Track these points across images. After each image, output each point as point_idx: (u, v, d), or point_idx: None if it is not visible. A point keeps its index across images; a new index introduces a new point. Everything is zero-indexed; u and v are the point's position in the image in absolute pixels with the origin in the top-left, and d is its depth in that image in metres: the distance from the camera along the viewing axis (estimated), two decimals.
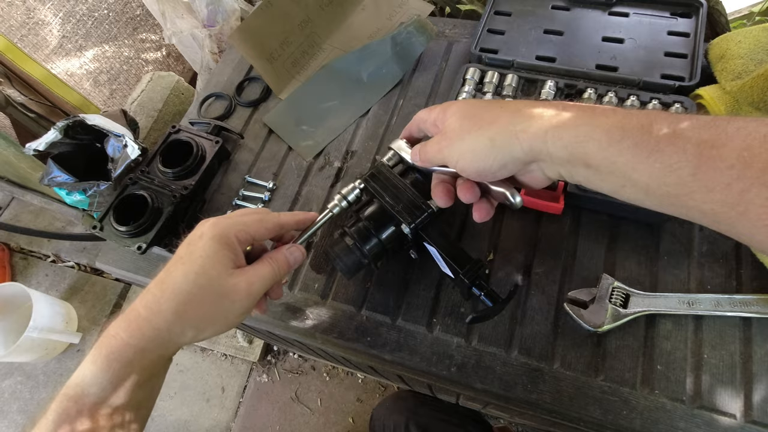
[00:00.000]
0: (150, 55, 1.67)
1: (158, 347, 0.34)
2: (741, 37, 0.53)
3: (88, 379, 0.32)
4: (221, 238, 0.35)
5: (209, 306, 0.35)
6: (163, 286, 0.34)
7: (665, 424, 0.41)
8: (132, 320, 0.34)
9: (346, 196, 0.44)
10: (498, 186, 0.38)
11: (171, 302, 0.33)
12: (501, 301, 0.40)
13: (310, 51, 0.69)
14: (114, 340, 0.33)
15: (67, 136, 0.81)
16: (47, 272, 1.48)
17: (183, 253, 0.35)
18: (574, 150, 0.30)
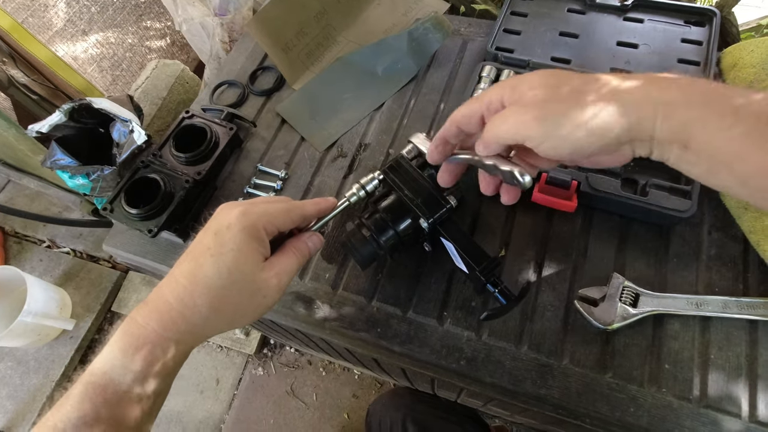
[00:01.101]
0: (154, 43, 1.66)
1: (191, 340, 0.34)
2: (753, 47, 0.54)
3: (119, 369, 0.32)
4: (251, 230, 0.34)
5: (243, 301, 0.35)
6: (195, 279, 0.33)
7: (671, 422, 0.42)
8: (164, 312, 0.33)
9: (364, 186, 0.45)
10: (506, 165, 0.35)
11: (205, 297, 0.33)
12: (514, 298, 0.40)
13: (325, 43, 0.69)
14: (146, 330, 0.33)
15: (72, 119, 0.80)
16: (42, 257, 1.46)
17: (211, 243, 0.34)
18: (680, 131, 0.27)
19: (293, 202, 0.40)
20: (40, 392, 1.29)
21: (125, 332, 0.33)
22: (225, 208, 0.37)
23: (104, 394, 0.32)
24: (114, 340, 0.33)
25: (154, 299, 0.34)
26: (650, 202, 0.48)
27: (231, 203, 0.37)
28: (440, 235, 0.44)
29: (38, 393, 1.29)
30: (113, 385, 0.32)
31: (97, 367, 0.32)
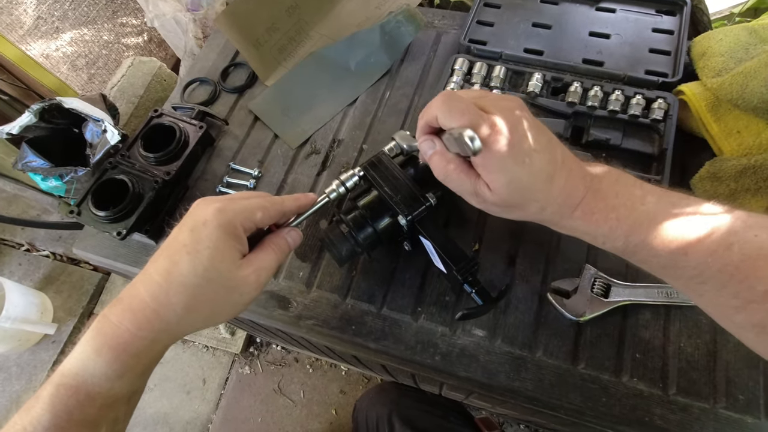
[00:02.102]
0: (131, 40, 1.62)
1: (166, 338, 0.34)
2: (722, 36, 0.54)
3: (92, 370, 0.31)
4: (227, 227, 0.34)
5: (219, 299, 0.34)
6: (170, 277, 0.32)
7: (642, 410, 0.43)
8: (138, 310, 0.32)
9: (344, 182, 0.44)
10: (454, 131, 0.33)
11: (180, 296, 0.32)
12: (491, 300, 0.40)
13: (297, 38, 0.68)
14: (120, 330, 0.32)
15: (43, 119, 0.78)
16: (21, 261, 1.43)
17: (187, 240, 0.33)
18: (573, 232, 0.38)
19: (272, 197, 0.39)
20: (23, 398, 1.27)
21: (98, 331, 0.32)
22: (201, 203, 0.36)
23: (77, 396, 0.31)
24: (86, 339, 0.32)
25: (128, 297, 0.33)
26: None
27: (207, 198, 0.36)
28: (419, 233, 0.43)
29: (21, 399, 1.27)
30: (86, 387, 0.31)
31: (68, 368, 0.31)
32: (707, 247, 0.30)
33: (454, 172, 0.37)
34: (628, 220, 0.33)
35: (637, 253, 0.33)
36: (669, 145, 0.51)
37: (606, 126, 0.54)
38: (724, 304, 0.30)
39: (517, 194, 0.35)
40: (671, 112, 0.52)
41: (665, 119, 0.52)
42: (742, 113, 0.49)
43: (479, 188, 0.36)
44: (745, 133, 0.49)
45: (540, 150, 0.34)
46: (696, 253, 0.30)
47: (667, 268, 0.32)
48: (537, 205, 0.35)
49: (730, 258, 0.29)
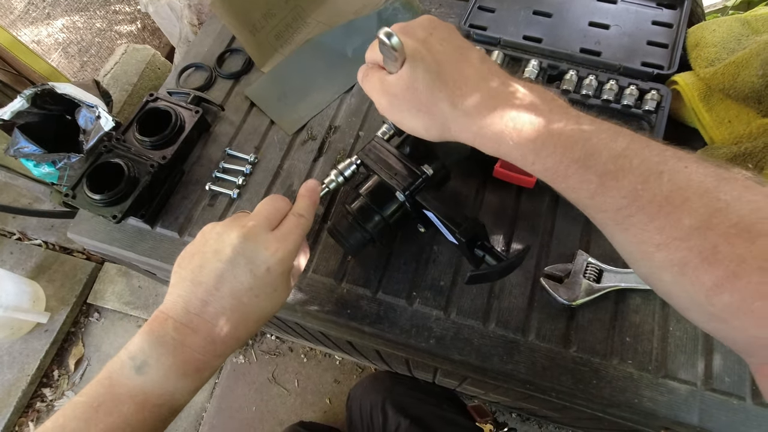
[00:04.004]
0: (124, 27, 1.60)
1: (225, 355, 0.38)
2: (715, 26, 0.55)
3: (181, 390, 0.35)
4: (285, 273, 0.38)
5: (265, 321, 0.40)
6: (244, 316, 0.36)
7: (632, 392, 0.44)
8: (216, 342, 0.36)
9: (342, 172, 0.45)
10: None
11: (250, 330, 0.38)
12: (507, 260, 0.38)
13: (294, 24, 0.68)
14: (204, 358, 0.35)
15: (35, 105, 0.77)
16: (12, 250, 1.42)
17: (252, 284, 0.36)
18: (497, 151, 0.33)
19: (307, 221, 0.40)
20: (15, 387, 1.27)
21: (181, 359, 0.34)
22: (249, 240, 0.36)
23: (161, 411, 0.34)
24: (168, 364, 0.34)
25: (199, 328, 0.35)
26: None
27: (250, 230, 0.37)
28: (421, 207, 0.43)
29: (13, 388, 1.27)
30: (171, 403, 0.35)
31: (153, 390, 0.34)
32: (640, 174, 0.27)
33: (369, 75, 0.38)
34: (562, 139, 0.30)
35: (570, 177, 0.30)
36: (659, 135, 0.51)
37: (598, 115, 0.53)
38: (647, 241, 0.28)
39: (421, 78, 0.33)
40: (663, 103, 0.53)
41: (657, 110, 0.53)
42: (733, 103, 0.50)
43: (385, 78, 0.36)
44: (736, 122, 0.49)
45: (453, 43, 0.35)
46: (628, 179, 0.28)
47: (596, 197, 0.29)
48: (445, 100, 0.33)
49: (660, 188, 0.27)
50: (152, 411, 0.33)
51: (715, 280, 0.25)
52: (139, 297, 1.39)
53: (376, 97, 0.38)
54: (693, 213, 0.26)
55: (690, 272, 0.26)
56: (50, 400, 1.32)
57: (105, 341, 1.38)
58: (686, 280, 0.26)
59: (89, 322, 1.40)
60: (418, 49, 0.34)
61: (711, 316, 0.26)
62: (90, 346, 1.38)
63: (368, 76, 0.38)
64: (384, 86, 0.36)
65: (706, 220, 0.25)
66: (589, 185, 0.29)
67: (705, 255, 0.25)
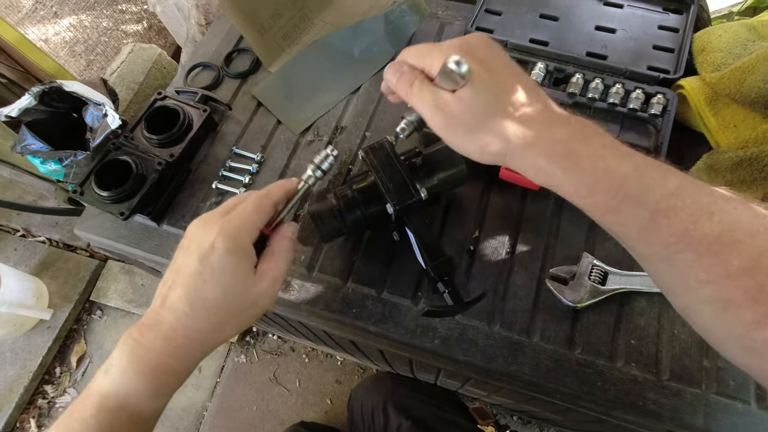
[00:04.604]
0: (130, 27, 1.61)
1: (198, 356, 0.36)
2: (721, 32, 0.55)
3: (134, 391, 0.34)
4: (236, 249, 0.35)
5: (242, 315, 0.37)
6: (193, 305, 0.34)
7: (636, 394, 0.44)
8: (170, 337, 0.34)
9: (319, 166, 0.41)
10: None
11: (207, 321, 0.35)
12: (462, 303, 0.41)
13: (301, 25, 0.69)
14: (156, 354, 0.34)
15: (42, 102, 0.77)
16: (16, 247, 1.43)
17: (199, 268, 0.35)
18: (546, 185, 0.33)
19: (258, 194, 0.39)
20: (16, 383, 1.27)
21: (135, 357, 0.34)
22: (198, 227, 0.36)
23: (120, 415, 0.33)
24: (122, 364, 0.34)
25: (156, 324, 0.35)
26: None
27: (202, 219, 0.37)
28: (405, 224, 0.44)
29: (15, 384, 1.27)
30: (129, 407, 0.33)
31: (108, 390, 0.33)
32: (692, 213, 0.28)
33: (416, 87, 0.35)
34: (618, 174, 0.30)
35: (621, 212, 0.30)
36: (665, 139, 0.52)
37: (605, 118, 0.55)
38: (693, 277, 0.29)
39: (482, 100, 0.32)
40: (669, 107, 0.53)
41: (663, 114, 0.53)
42: (739, 107, 0.50)
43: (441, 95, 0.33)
44: (742, 127, 0.49)
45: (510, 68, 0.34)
46: (679, 218, 0.28)
47: (645, 232, 0.30)
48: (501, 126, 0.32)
49: (711, 228, 0.28)
50: (110, 413, 0.33)
51: (758, 317, 0.26)
52: (142, 295, 1.39)
53: (428, 114, 0.35)
54: (742, 254, 0.27)
55: (733, 309, 0.27)
56: (52, 396, 1.32)
57: (107, 339, 1.38)
58: (728, 316, 0.28)
59: (92, 319, 1.41)
60: (479, 72, 0.32)
61: (748, 350, 0.28)
62: (92, 344, 1.38)
63: (417, 89, 0.35)
64: (440, 104, 0.34)
65: (755, 261, 0.27)
66: (639, 221, 0.30)
67: (751, 294, 0.26)
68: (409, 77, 0.36)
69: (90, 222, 0.57)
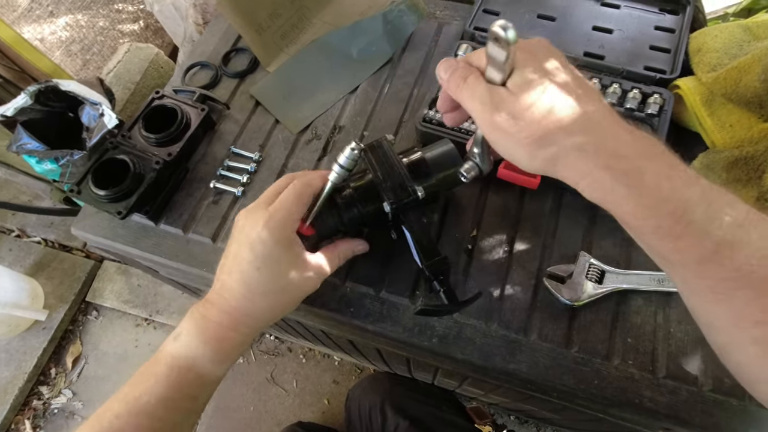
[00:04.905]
0: (126, 26, 1.61)
1: (254, 333, 0.42)
2: (717, 32, 0.56)
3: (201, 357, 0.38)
4: (283, 241, 0.40)
5: (292, 297, 0.42)
6: (250, 287, 0.39)
7: (633, 392, 0.44)
8: (232, 314, 0.39)
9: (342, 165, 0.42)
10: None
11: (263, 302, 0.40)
12: (457, 302, 0.42)
13: (299, 25, 0.69)
14: (221, 328, 0.39)
15: (38, 102, 0.77)
16: (11, 247, 1.42)
17: (251, 257, 0.39)
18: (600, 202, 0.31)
19: (300, 183, 0.42)
20: (11, 384, 1.26)
21: (202, 328, 0.39)
22: (247, 218, 0.41)
23: (188, 375, 0.38)
24: (190, 333, 0.39)
25: (219, 301, 0.40)
26: None
27: (250, 210, 0.41)
28: (402, 222, 0.44)
29: (10, 386, 1.26)
30: (196, 368, 0.38)
31: (179, 353, 0.38)
32: (758, 249, 0.26)
33: (471, 82, 0.33)
34: (684, 198, 0.28)
35: (682, 238, 0.28)
36: (662, 139, 0.52)
37: None
38: (746, 316, 0.27)
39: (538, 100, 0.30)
40: (666, 107, 0.53)
41: (660, 114, 0.53)
42: (734, 107, 0.51)
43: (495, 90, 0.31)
44: (737, 127, 0.50)
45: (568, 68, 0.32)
46: (744, 253, 0.27)
47: (706, 263, 0.28)
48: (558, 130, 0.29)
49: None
50: (180, 372, 0.38)
51: None
52: (138, 295, 1.39)
53: (477, 109, 0.32)
54: None
55: None
56: (47, 398, 1.31)
57: (103, 339, 1.38)
58: None
59: (87, 320, 1.40)
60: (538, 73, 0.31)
61: None
62: (88, 345, 1.37)
63: (469, 82, 0.33)
64: (494, 99, 0.31)
65: None
66: (701, 251, 0.27)
67: None
68: (463, 72, 0.34)
69: (87, 221, 0.57)
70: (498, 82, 0.32)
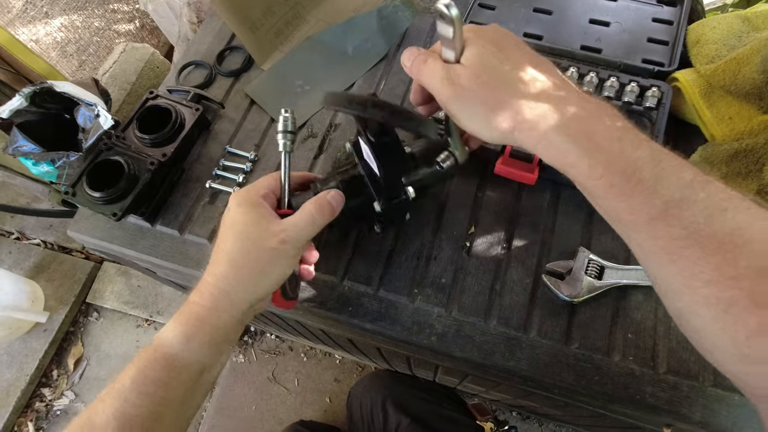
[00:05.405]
0: (122, 26, 1.60)
1: (227, 307, 0.39)
2: (715, 24, 0.55)
3: (169, 335, 0.38)
4: (246, 202, 0.40)
5: (260, 262, 0.39)
6: (218, 254, 0.40)
7: (634, 388, 0.44)
8: (203, 289, 0.39)
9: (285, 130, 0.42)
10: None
11: (226, 265, 0.39)
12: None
13: (293, 22, 0.68)
14: (189, 303, 0.39)
15: (34, 103, 0.77)
16: (11, 249, 1.42)
17: (222, 229, 0.40)
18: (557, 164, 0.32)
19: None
20: (13, 387, 1.26)
21: (181, 311, 0.39)
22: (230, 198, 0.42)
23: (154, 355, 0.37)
24: (174, 317, 0.39)
25: (201, 285, 0.40)
26: None
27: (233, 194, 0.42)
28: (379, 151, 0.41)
29: (12, 388, 1.26)
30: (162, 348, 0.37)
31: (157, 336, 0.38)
32: (705, 208, 0.27)
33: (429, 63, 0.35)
34: (634, 157, 0.29)
35: (634, 197, 0.29)
36: (660, 132, 0.51)
37: None
38: (696, 275, 0.27)
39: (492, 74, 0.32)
40: (664, 100, 0.53)
41: (658, 107, 0.53)
42: (734, 99, 0.50)
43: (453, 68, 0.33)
44: (737, 119, 0.49)
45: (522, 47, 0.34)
46: (692, 211, 0.27)
47: (656, 222, 0.28)
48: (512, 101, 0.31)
49: (723, 225, 0.26)
50: (147, 351, 0.37)
51: (761, 323, 0.25)
52: (139, 296, 1.39)
53: (437, 86, 0.34)
54: (752, 254, 0.26)
55: (735, 311, 0.26)
56: (49, 400, 1.31)
57: (104, 341, 1.38)
58: (729, 318, 0.26)
59: (88, 321, 1.40)
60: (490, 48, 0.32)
61: (743, 358, 0.26)
62: (89, 346, 1.37)
63: (428, 63, 0.35)
64: (449, 74, 0.33)
65: (765, 264, 0.25)
66: (651, 209, 0.28)
67: (756, 297, 0.25)
68: (423, 56, 0.36)
69: (83, 223, 0.57)
70: (453, 60, 0.34)
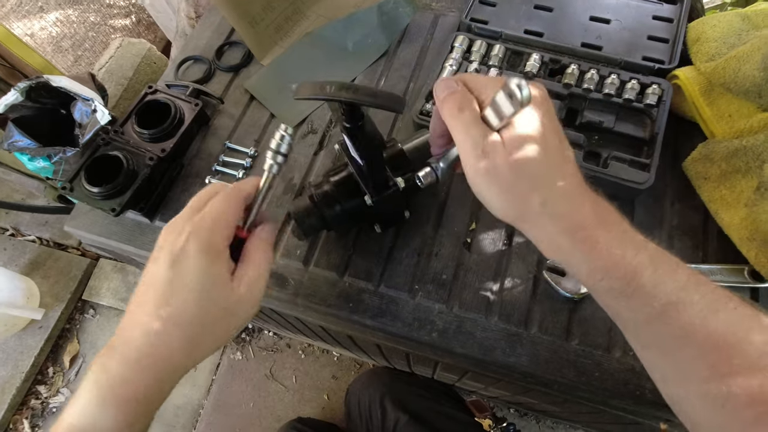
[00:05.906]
0: (118, 21, 1.59)
1: (174, 377, 0.33)
2: (716, 21, 0.55)
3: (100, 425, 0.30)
4: (208, 251, 0.32)
5: (221, 326, 0.34)
6: (167, 321, 0.32)
7: (634, 384, 0.44)
8: (140, 360, 0.31)
9: (278, 151, 0.37)
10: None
11: (182, 339, 0.32)
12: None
13: (294, 17, 0.68)
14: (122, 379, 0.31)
15: (30, 98, 0.76)
16: (5, 246, 1.41)
17: (171, 275, 0.32)
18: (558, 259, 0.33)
19: (226, 190, 0.37)
20: (9, 384, 1.26)
21: (99, 384, 0.31)
22: (169, 231, 0.34)
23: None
24: (87, 391, 0.31)
25: (123, 344, 0.32)
26: (610, 173, 0.49)
27: (171, 224, 0.35)
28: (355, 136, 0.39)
29: (7, 385, 1.25)
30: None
31: (76, 422, 0.30)
32: (700, 310, 0.29)
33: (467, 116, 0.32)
34: (634, 263, 0.30)
35: (633, 299, 0.30)
36: (660, 130, 0.52)
37: (600, 109, 0.54)
38: (693, 372, 0.29)
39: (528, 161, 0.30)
40: (665, 97, 0.53)
41: (658, 104, 0.53)
42: (734, 97, 0.50)
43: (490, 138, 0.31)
44: (737, 117, 0.50)
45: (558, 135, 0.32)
46: (688, 313, 0.29)
47: (654, 323, 0.30)
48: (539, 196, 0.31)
49: (716, 326, 0.29)
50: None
51: (758, 416, 0.26)
52: None
53: (467, 148, 0.32)
54: (743, 353, 0.28)
55: (730, 406, 0.27)
56: (45, 397, 1.31)
57: (100, 338, 1.37)
58: (725, 413, 0.28)
59: (84, 318, 1.39)
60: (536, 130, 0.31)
61: None
62: (85, 343, 1.37)
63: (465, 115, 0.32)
64: (486, 144, 0.31)
65: (755, 361, 0.27)
66: (650, 311, 0.30)
67: (751, 392, 0.27)
68: (461, 98, 0.32)
69: (81, 219, 0.56)
70: (494, 127, 0.31)
